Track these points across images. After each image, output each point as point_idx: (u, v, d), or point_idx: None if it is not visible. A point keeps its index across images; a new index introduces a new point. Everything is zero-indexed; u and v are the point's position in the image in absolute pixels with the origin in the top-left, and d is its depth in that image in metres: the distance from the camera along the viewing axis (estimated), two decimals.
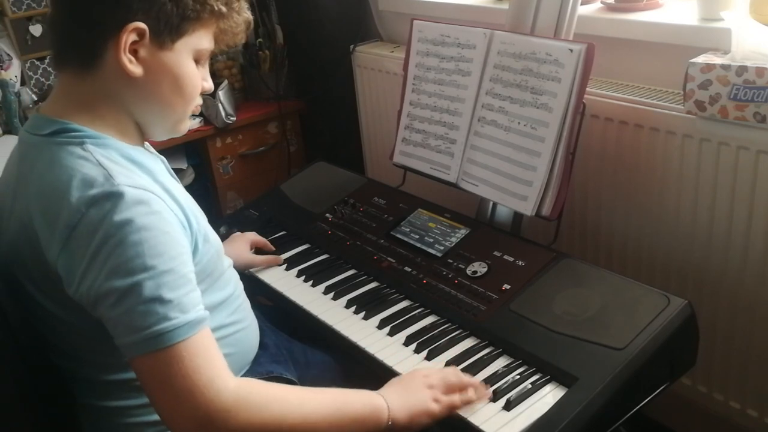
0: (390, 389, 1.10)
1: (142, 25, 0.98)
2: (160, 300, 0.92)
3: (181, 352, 0.92)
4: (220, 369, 0.96)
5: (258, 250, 1.60)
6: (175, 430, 0.96)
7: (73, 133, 1.00)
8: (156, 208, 0.95)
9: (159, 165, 1.11)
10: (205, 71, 1.10)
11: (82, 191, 0.94)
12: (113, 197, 0.93)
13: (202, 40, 1.05)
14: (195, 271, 1.00)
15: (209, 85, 1.11)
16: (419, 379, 1.12)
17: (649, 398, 1.16)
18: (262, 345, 1.30)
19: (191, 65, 1.06)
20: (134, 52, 1.00)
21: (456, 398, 1.10)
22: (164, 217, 0.96)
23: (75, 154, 0.98)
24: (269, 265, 1.56)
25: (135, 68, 1.00)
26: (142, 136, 1.10)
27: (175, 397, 0.92)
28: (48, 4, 2.42)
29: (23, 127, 1.09)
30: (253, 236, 1.60)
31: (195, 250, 1.04)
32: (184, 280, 0.96)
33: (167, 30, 1.01)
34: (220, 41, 1.10)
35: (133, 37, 0.99)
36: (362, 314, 1.37)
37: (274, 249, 1.61)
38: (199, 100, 1.11)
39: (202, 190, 2.55)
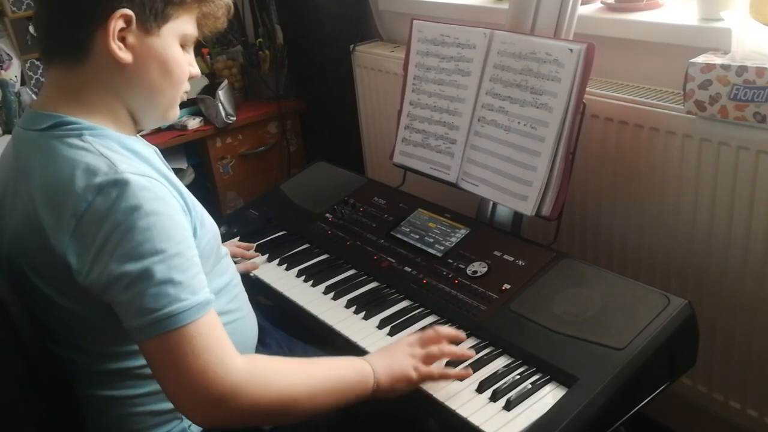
0: (376, 356, 1.16)
1: (128, 11, 1.00)
2: (172, 282, 0.94)
3: (192, 332, 0.94)
4: (228, 348, 0.98)
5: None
6: (188, 410, 0.97)
7: (70, 126, 1.01)
8: (160, 194, 0.97)
9: (153, 154, 1.12)
10: (191, 57, 1.13)
11: (87, 180, 0.95)
12: (119, 184, 0.94)
13: (186, 24, 1.08)
14: None
15: (196, 70, 1.14)
16: (403, 348, 1.17)
17: (649, 398, 1.16)
18: (265, 344, 1.32)
19: (178, 50, 1.08)
20: (122, 40, 1.02)
21: (434, 370, 1.15)
22: (168, 203, 0.98)
23: (75, 145, 0.99)
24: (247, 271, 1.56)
25: (125, 55, 1.02)
26: (134, 125, 1.11)
27: (188, 377, 0.94)
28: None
29: (17, 124, 1.10)
30: (233, 247, 1.60)
31: (194, 235, 1.05)
32: (191, 262, 0.98)
33: (153, 15, 1.03)
34: (203, 26, 1.13)
35: (120, 24, 1.00)
36: (362, 314, 1.37)
37: (252, 251, 1.61)
38: (187, 86, 1.13)
39: (203, 190, 2.55)
